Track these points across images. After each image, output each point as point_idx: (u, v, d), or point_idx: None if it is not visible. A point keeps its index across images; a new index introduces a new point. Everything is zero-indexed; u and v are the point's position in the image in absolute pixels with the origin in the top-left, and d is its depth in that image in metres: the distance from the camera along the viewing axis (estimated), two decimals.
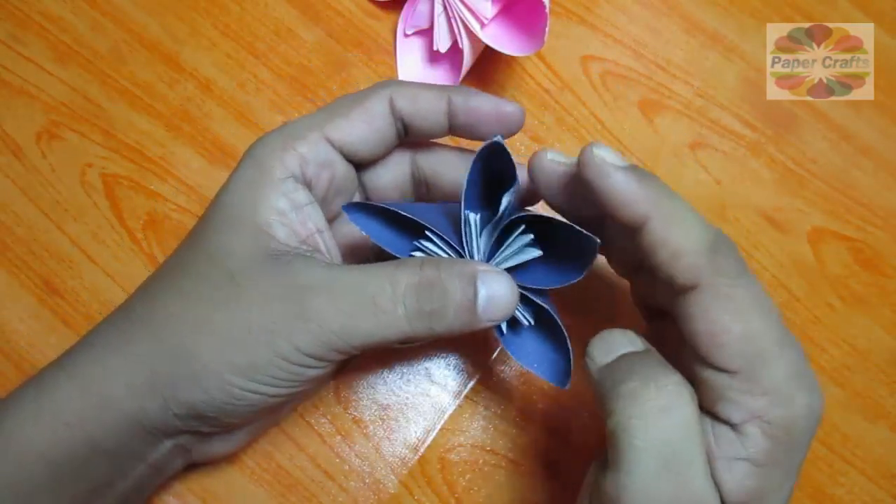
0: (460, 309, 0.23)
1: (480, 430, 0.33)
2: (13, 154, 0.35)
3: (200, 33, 0.37)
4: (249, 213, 0.24)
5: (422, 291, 0.23)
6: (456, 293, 0.23)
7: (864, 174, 0.37)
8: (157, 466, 0.26)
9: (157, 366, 0.23)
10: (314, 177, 0.25)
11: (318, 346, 0.23)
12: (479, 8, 0.33)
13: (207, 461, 0.29)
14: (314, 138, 0.25)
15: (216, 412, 0.24)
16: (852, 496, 0.33)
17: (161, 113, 0.36)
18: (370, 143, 0.26)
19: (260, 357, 0.23)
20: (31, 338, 0.33)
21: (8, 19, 0.37)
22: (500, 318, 0.24)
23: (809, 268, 0.35)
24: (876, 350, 0.35)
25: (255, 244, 0.24)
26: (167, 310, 0.24)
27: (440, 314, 0.23)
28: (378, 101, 0.26)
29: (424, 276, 0.23)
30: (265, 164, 0.24)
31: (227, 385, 0.23)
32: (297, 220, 0.25)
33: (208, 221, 0.25)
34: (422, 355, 0.33)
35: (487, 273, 0.24)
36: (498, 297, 0.24)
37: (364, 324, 0.23)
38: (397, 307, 0.23)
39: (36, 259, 0.34)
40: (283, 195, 0.24)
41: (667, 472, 0.20)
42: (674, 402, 0.20)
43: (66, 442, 0.23)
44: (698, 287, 0.21)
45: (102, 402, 0.23)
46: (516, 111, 0.26)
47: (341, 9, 0.38)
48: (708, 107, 0.37)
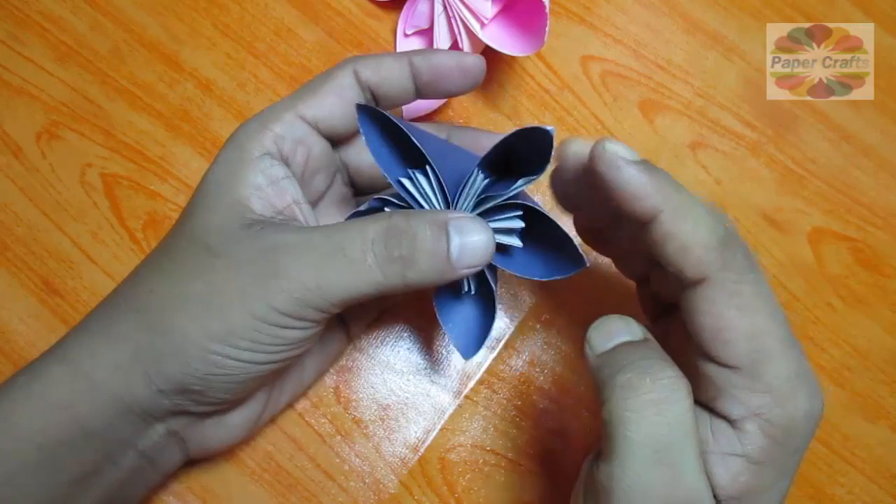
0: (432, 256, 0.23)
1: (480, 430, 0.33)
2: (13, 154, 0.35)
3: (200, 33, 0.37)
4: (228, 190, 0.25)
5: (390, 238, 0.23)
6: (426, 240, 0.23)
7: (864, 174, 0.37)
8: (150, 456, 0.26)
9: (140, 342, 0.24)
10: (290, 153, 0.26)
11: (293, 304, 0.23)
12: (479, 8, 0.33)
13: (206, 455, 0.28)
14: (288, 118, 0.26)
15: (200, 384, 0.24)
16: (852, 496, 0.33)
17: (161, 113, 0.36)
18: (342, 117, 0.27)
19: (236, 320, 0.23)
20: (31, 338, 0.33)
21: (8, 19, 0.37)
22: (477, 266, 0.24)
23: (809, 268, 0.35)
24: (876, 350, 0.35)
25: (231, 217, 0.24)
26: (149, 287, 0.25)
27: (411, 260, 0.23)
28: (343, 74, 0.26)
29: (392, 224, 0.23)
30: (244, 146, 0.25)
31: (207, 353, 0.23)
32: (273, 193, 0.25)
33: (191, 205, 0.26)
34: (422, 355, 0.33)
35: (460, 220, 0.24)
36: (472, 244, 0.23)
37: (335, 275, 0.23)
38: (367, 255, 0.23)
39: (36, 259, 0.34)
40: (259, 172, 0.25)
41: (658, 465, 0.20)
42: (669, 397, 0.20)
43: (56, 426, 0.23)
44: (706, 281, 0.21)
45: (90, 384, 0.24)
46: (477, 62, 0.27)
47: (341, 9, 0.38)
48: (708, 107, 0.37)
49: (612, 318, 0.23)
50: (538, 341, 0.34)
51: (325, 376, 0.33)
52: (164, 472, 0.27)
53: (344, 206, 0.30)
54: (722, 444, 0.21)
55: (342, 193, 0.30)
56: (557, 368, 0.34)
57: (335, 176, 0.29)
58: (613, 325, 0.23)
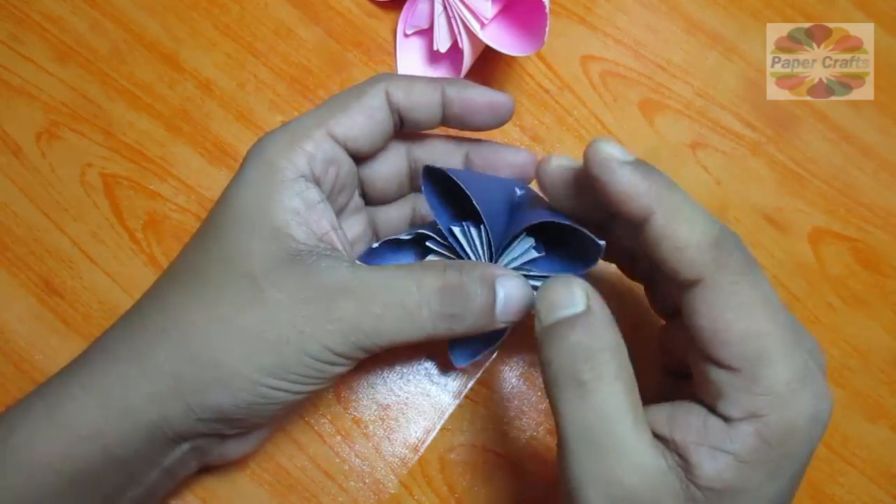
0: (480, 311, 0.24)
1: (480, 430, 0.33)
2: (13, 154, 0.35)
3: (200, 33, 0.37)
4: (264, 214, 0.24)
5: (445, 295, 0.24)
6: (478, 297, 0.24)
7: (864, 174, 0.37)
8: (171, 471, 0.26)
9: (182, 373, 0.23)
10: (321, 174, 0.25)
11: (347, 346, 0.24)
12: (479, 8, 0.33)
13: (221, 463, 0.28)
14: (319, 136, 0.25)
15: (244, 413, 0.24)
16: (852, 496, 0.33)
17: (161, 113, 0.36)
18: (371, 137, 0.26)
19: (290, 358, 0.23)
20: (31, 338, 0.33)
21: (8, 19, 0.37)
22: (515, 319, 0.25)
23: (809, 268, 0.35)
24: (876, 350, 0.35)
25: (274, 245, 0.24)
26: (188, 316, 0.24)
27: (462, 317, 0.24)
28: (375, 94, 0.26)
29: (448, 280, 0.24)
30: (275, 164, 0.25)
31: (258, 386, 0.23)
32: (312, 219, 0.25)
33: (218, 224, 0.25)
34: (422, 355, 0.33)
35: (505, 277, 0.25)
36: (514, 299, 0.25)
37: (391, 325, 0.24)
38: (423, 309, 0.24)
39: (36, 259, 0.34)
40: (296, 194, 0.24)
41: (595, 452, 0.20)
42: (596, 385, 0.20)
43: (80, 454, 0.23)
44: (702, 282, 0.21)
45: (122, 413, 0.23)
46: (507, 102, 0.27)
47: (341, 9, 0.38)
48: (708, 107, 0.37)
49: (557, 284, 0.23)
50: None
51: None
52: (178, 480, 0.27)
53: (358, 215, 0.30)
54: (712, 438, 0.21)
55: (357, 204, 0.29)
56: None
57: (354, 192, 0.29)
58: (557, 296, 0.22)
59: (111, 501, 0.24)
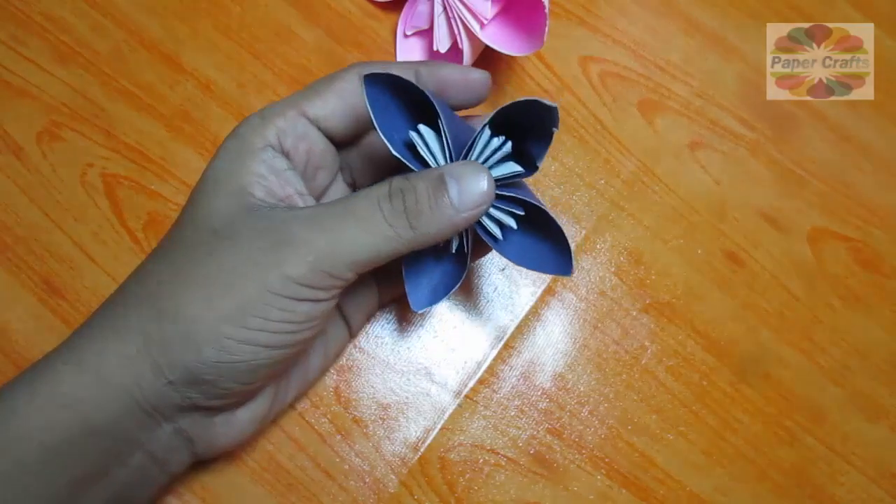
0: (435, 204, 0.24)
1: (480, 430, 0.33)
2: (14, 154, 0.35)
3: (201, 34, 0.37)
4: (231, 178, 0.25)
5: (394, 195, 0.24)
6: (426, 189, 0.24)
7: (864, 174, 0.37)
8: (158, 457, 0.26)
9: (150, 332, 0.24)
10: (292, 148, 0.26)
11: (307, 269, 0.23)
12: (478, 8, 0.33)
13: (213, 454, 0.28)
14: (292, 115, 0.26)
15: (211, 373, 0.24)
16: (852, 496, 0.33)
17: (161, 113, 0.36)
18: (344, 118, 0.27)
19: (248, 295, 0.23)
20: (31, 338, 0.33)
21: (9, 20, 0.37)
22: (481, 207, 0.25)
23: (809, 268, 0.35)
24: (876, 350, 0.35)
25: (235, 201, 0.25)
26: (158, 278, 0.25)
27: (416, 211, 0.24)
28: (348, 78, 0.27)
29: (395, 184, 0.25)
30: (246, 138, 0.26)
31: (219, 337, 0.23)
32: (275, 183, 0.26)
33: (193, 195, 0.26)
34: (422, 355, 0.34)
35: (453, 167, 0.25)
36: (471, 187, 0.25)
37: (347, 235, 0.24)
38: (374, 213, 0.24)
39: (36, 259, 0.34)
40: (262, 161, 0.25)
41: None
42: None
43: (61, 425, 0.23)
44: None
45: (97, 379, 0.23)
46: (482, 77, 0.27)
47: (341, 9, 0.38)
48: (707, 107, 0.37)
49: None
50: (538, 341, 0.34)
51: (326, 376, 0.33)
52: (172, 473, 0.27)
53: None
54: None
55: (344, 192, 0.30)
56: (557, 368, 0.34)
57: (337, 175, 0.29)
58: None
59: (94, 480, 0.24)
